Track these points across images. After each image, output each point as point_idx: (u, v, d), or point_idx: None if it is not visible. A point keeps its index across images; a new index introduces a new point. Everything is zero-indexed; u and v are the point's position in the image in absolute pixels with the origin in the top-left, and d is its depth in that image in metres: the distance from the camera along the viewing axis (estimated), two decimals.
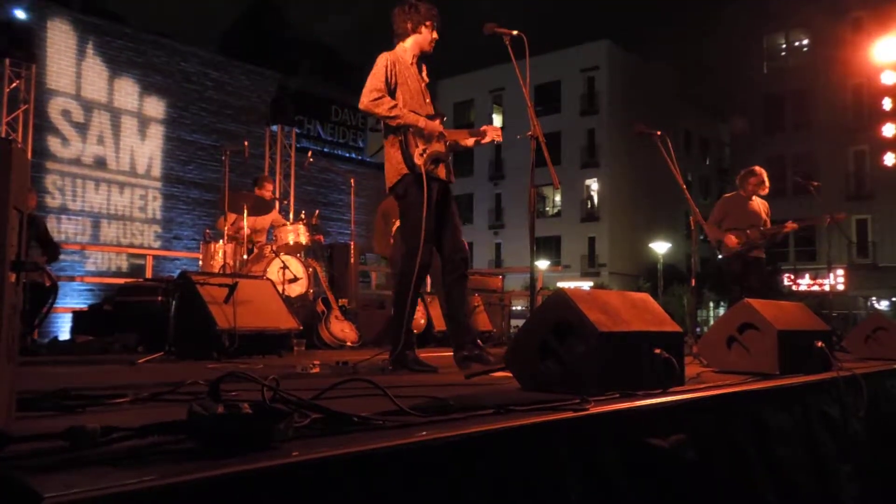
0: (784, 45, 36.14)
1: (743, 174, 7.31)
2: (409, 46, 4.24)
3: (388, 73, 4.03)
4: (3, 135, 9.52)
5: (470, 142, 4.36)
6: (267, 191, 7.99)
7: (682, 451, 2.44)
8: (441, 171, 4.16)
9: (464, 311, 4.28)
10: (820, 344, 3.93)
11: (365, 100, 3.97)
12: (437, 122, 4.15)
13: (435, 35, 4.27)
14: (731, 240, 6.87)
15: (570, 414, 2.15)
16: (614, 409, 2.33)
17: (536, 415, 2.09)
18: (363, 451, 1.54)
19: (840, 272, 29.95)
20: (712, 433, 2.70)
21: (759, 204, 7.15)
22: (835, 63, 32.26)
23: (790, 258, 32.46)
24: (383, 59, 4.07)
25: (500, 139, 4.35)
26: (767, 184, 7.18)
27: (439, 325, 7.64)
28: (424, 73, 4.32)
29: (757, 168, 7.29)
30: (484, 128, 4.38)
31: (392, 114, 3.96)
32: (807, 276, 32.20)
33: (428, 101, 4.23)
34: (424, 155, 4.01)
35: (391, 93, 4.04)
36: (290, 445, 1.52)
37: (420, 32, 4.22)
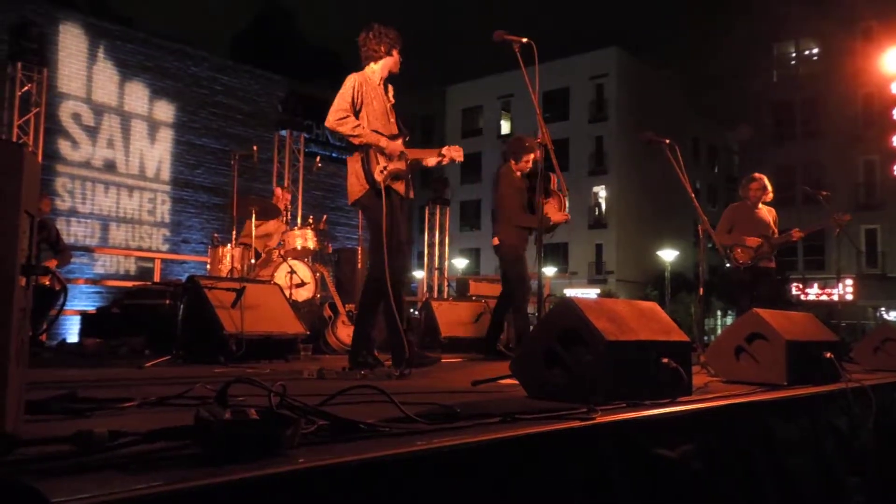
0: (794, 54, 36.07)
1: (744, 182, 7.27)
2: (378, 68, 4.47)
3: (355, 93, 4.28)
4: (15, 138, 9.58)
5: (432, 161, 4.62)
6: (281, 199, 8.07)
7: (689, 462, 2.42)
8: (400, 187, 4.42)
9: (374, 326, 4.51)
10: (829, 354, 3.90)
11: (331, 118, 4.25)
12: (400, 141, 4.38)
13: (400, 58, 4.53)
14: (740, 254, 6.84)
15: (577, 423, 2.14)
16: (621, 419, 2.32)
17: (543, 423, 2.09)
18: (370, 459, 1.54)
19: (849, 282, 29.80)
20: (720, 443, 2.69)
21: (765, 211, 7.10)
22: (845, 72, 32.17)
23: (799, 267, 32.31)
24: (351, 81, 4.32)
25: (461, 159, 4.58)
26: (770, 189, 7.14)
27: (446, 331, 7.65)
28: (391, 94, 4.55)
29: (756, 174, 7.24)
30: (445, 149, 4.56)
31: (355, 132, 4.24)
32: (815, 285, 32.05)
33: (392, 120, 4.45)
34: (385, 172, 4.26)
35: (356, 113, 4.29)
36: (296, 452, 1.52)
37: (392, 55, 4.47)
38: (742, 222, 7.00)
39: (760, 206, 7.10)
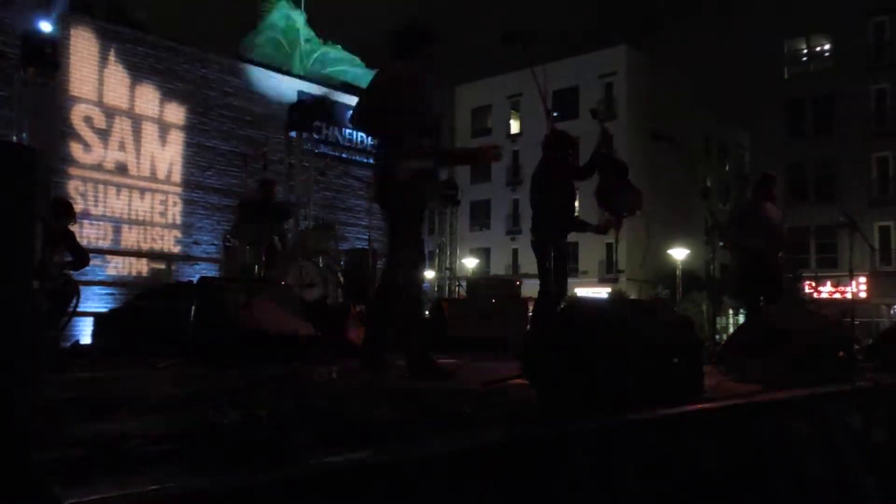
0: (805, 50, 35.84)
1: (762, 181, 7.19)
2: (409, 64, 4.33)
3: (382, 90, 4.17)
4: (27, 142, 9.65)
5: (464, 163, 4.45)
6: (270, 193, 8.05)
7: (701, 462, 2.41)
8: (425, 186, 4.29)
9: (389, 324, 4.41)
10: (842, 353, 3.88)
11: (357, 116, 4.21)
12: (427, 138, 4.26)
13: (431, 57, 4.42)
14: (745, 254, 6.81)
15: (588, 423, 2.14)
16: (633, 419, 2.31)
17: (553, 424, 2.08)
18: (381, 460, 1.54)
19: (862, 279, 29.57)
20: (732, 443, 2.68)
21: (772, 210, 7.05)
22: (857, 68, 31.93)
23: (811, 265, 32.08)
24: (378, 78, 4.24)
25: (498, 160, 4.45)
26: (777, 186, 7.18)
27: (454, 330, 7.64)
28: (421, 90, 4.40)
29: (772, 174, 7.23)
30: (481, 148, 4.44)
31: (381, 130, 4.15)
32: (828, 283, 31.80)
33: (421, 117, 4.31)
34: (410, 170, 4.13)
35: (383, 110, 4.15)
36: (307, 453, 1.53)
37: (425, 52, 4.35)
38: (749, 222, 6.95)
39: (768, 205, 7.05)
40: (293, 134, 14.38)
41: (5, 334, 1.41)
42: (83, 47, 13.54)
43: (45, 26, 10.34)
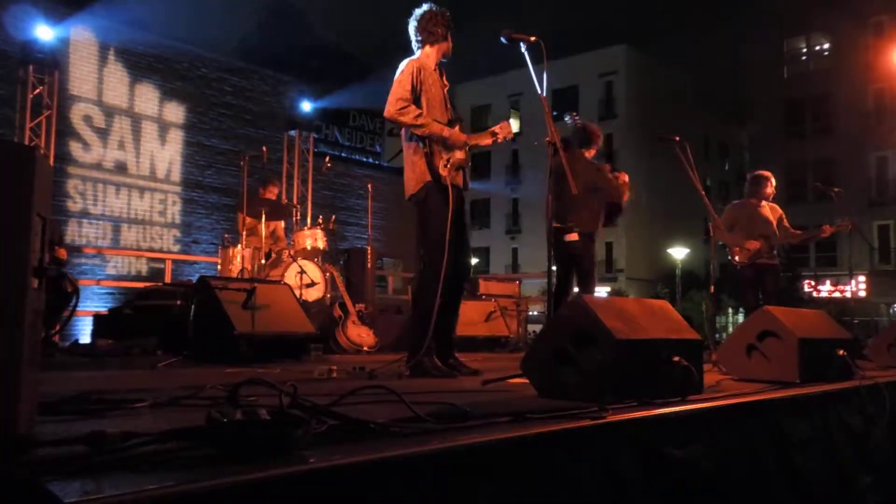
0: (805, 50, 35.85)
1: (754, 180, 7.16)
2: (433, 52, 4.24)
3: (414, 80, 4.03)
4: (27, 141, 9.65)
5: (488, 141, 4.35)
6: (272, 193, 8.04)
7: (700, 461, 2.41)
8: (459, 179, 4.20)
9: (453, 325, 4.38)
10: (841, 352, 3.88)
11: (391, 109, 3.99)
12: (457, 128, 4.17)
13: (452, 43, 4.33)
14: (738, 253, 6.78)
15: (588, 422, 2.14)
16: (632, 418, 2.31)
17: (553, 423, 2.09)
18: (380, 459, 1.54)
19: (862, 278, 29.60)
20: (731, 442, 2.68)
21: (768, 209, 7.02)
22: (856, 67, 31.95)
23: (811, 264, 32.10)
24: (409, 67, 4.07)
25: (512, 136, 4.37)
26: (774, 185, 7.14)
27: (460, 330, 7.62)
28: (444, 78, 4.34)
29: (766, 173, 7.18)
30: (498, 127, 4.34)
31: (418, 123, 3.98)
32: (828, 282, 31.84)
33: (448, 106, 4.25)
34: (448, 164, 4.02)
35: (416, 100, 4.05)
36: (307, 452, 1.52)
37: (447, 39, 4.25)
38: (744, 221, 6.94)
39: (763, 203, 7.02)
40: (293, 133, 14.40)
41: (5, 334, 1.41)
42: (83, 46, 13.54)
43: (45, 33, 10.36)
